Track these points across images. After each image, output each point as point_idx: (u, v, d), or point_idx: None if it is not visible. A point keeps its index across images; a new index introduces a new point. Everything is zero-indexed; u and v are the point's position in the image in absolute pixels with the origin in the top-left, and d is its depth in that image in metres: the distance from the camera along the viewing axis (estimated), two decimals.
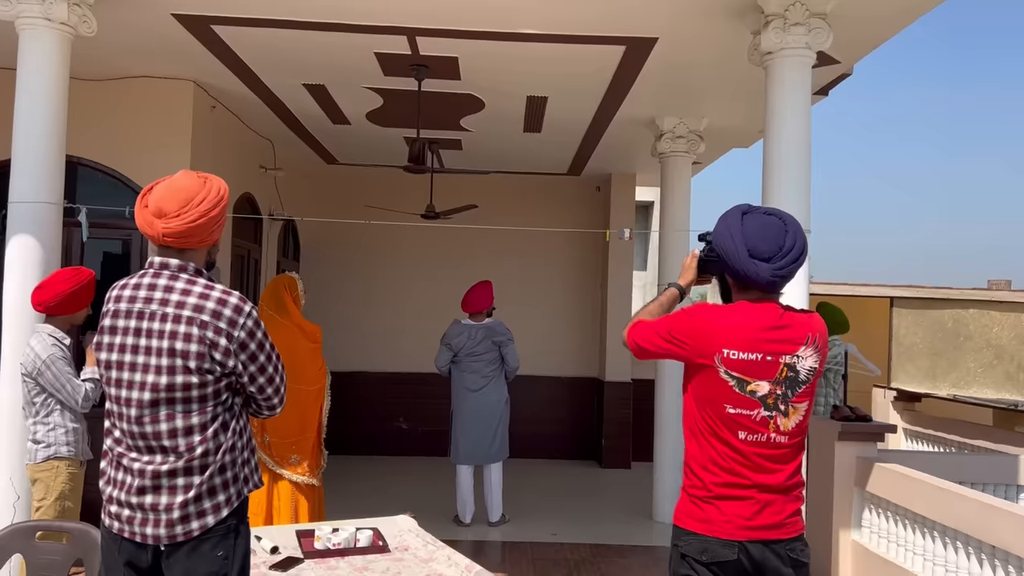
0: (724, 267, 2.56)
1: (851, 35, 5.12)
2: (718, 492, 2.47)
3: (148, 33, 5.57)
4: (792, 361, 2.46)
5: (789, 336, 2.47)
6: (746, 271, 2.46)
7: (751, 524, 2.45)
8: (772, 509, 2.46)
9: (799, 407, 2.49)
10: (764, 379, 2.45)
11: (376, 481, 8.62)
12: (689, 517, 2.52)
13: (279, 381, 2.51)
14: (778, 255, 2.45)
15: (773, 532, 2.47)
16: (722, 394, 2.46)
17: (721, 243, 2.52)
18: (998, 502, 4.28)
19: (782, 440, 2.48)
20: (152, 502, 2.33)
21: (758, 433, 2.46)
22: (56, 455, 4.21)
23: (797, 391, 2.48)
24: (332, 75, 6.46)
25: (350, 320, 10.02)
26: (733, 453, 2.46)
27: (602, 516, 7.56)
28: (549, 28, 5.27)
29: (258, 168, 8.44)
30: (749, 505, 2.45)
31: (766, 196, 4.81)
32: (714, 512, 2.47)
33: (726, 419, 2.47)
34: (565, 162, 9.50)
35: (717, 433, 2.48)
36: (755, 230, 2.48)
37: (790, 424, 2.48)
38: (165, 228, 2.35)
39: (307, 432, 5.13)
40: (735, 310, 2.51)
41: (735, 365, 2.45)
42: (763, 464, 2.46)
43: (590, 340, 10.42)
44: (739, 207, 2.58)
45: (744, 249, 2.46)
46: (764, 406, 2.46)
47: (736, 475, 2.46)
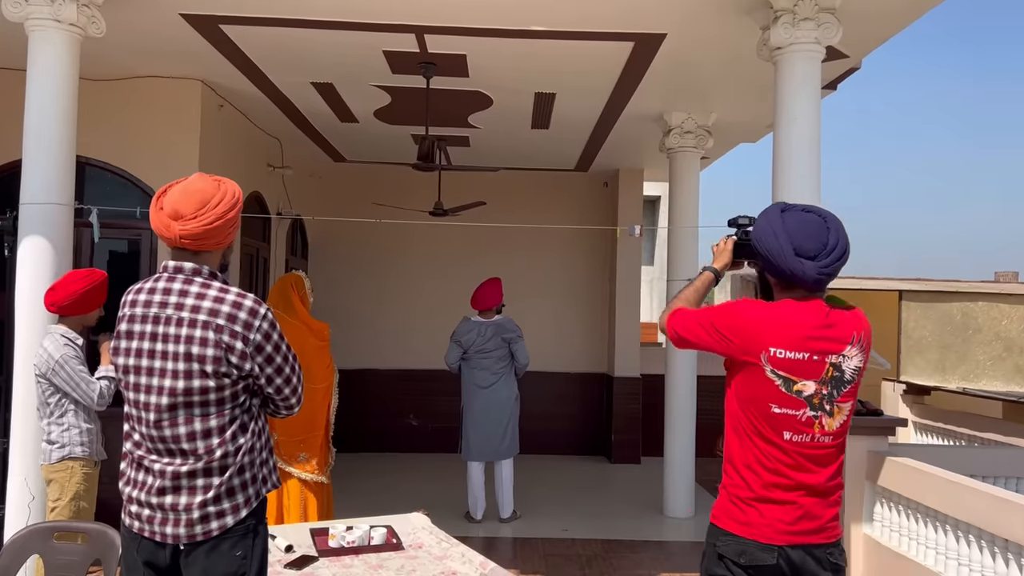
0: (766, 266, 2.51)
1: (860, 30, 5.11)
2: (761, 494, 2.43)
3: (156, 33, 5.58)
4: (838, 360, 2.43)
5: (835, 335, 2.43)
6: (792, 270, 2.41)
7: (792, 528, 2.42)
8: (814, 512, 2.43)
9: (844, 407, 2.46)
10: (810, 379, 2.41)
11: (387, 478, 8.64)
12: (729, 518, 2.49)
13: (296, 381, 2.52)
14: (823, 252, 2.41)
15: (814, 536, 2.44)
16: (768, 393, 2.43)
17: (765, 242, 2.46)
18: (1011, 495, 4.28)
19: (826, 440, 2.45)
20: (172, 502, 2.35)
21: (803, 433, 2.43)
22: (71, 455, 4.23)
23: (842, 391, 2.45)
24: (340, 73, 6.46)
25: (359, 317, 10.04)
26: (778, 453, 2.43)
27: (613, 511, 7.56)
28: (558, 25, 5.26)
29: (266, 167, 8.45)
30: (791, 509, 2.42)
31: (777, 190, 4.80)
32: (755, 515, 2.44)
33: (771, 418, 2.43)
34: (573, 158, 9.49)
35: (762, 432, 2.45)
36: (797, 228, 2.43)
37: (835, 424, 2.45)
38: (182, 230, 2.36)
39: (315, 430, 5.15)
40: (782, 308, 2.46)
41: (782, 364, 2.41)
42: (806, 465, 2.44)
43: (599, 336, 10.42)
44: (776, 205, 2.54)
45: (790, 247, 2.41)
46: (810, 406, 2.42)
47: (780, 475, 2.43)
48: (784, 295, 2.50)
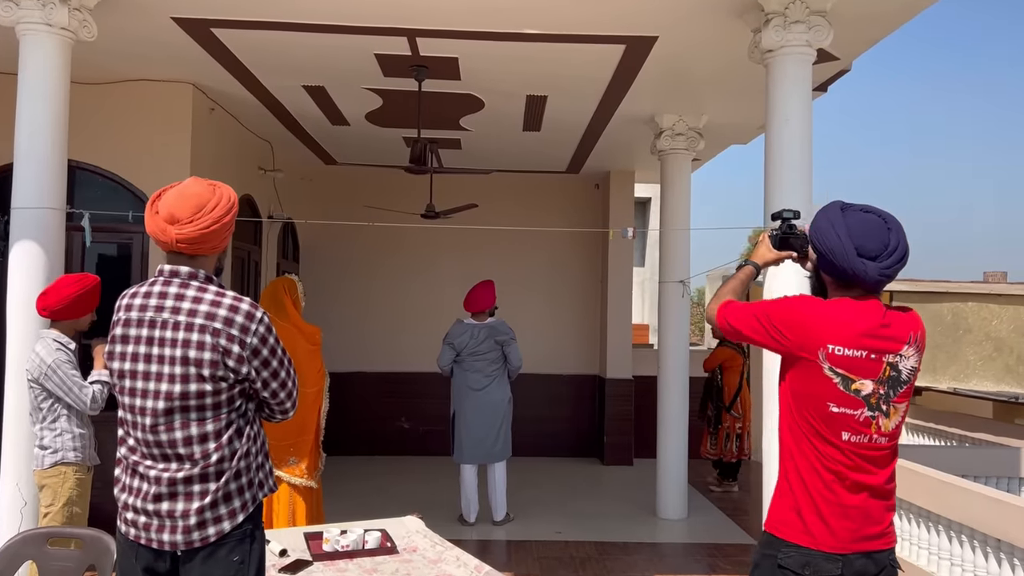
0: (824, 264, 2.46)
1: (850, 32, 5.14)
2: (824, 500, 2.38)
3: (148, 37, 5.57)
4: (895, 360, 2.39)
5: (893, 334, 2.39)
6: (854, 269, 2.36)
7: (857, 535, 2.37)
8: (875, 517, 2.40)
9: (899, 407, 2.42)
10: (868, 378, 2.37)
11: (378, 481, 8.63)
12: (790, 528, 2.42)
13: (291, 385, 2.52)
14: (884, 253, 2.36)
15: (876, 542, 2.40)
16: (825, 391, 2.37)
17: (827, 240, 2.41)
18: (1002, 495, 4.31)
19: (882, 441, 2.40)
20: (168, 508, 2.33)
21: (861, 434, 2.37)
22: (63, 460, 4.21)
23: (899, 391, 2.41)
24: (331, 76, 6.46)
25: (350, 320, 10.03)
26: (837, 454, 2.38)
27: (606, 513, 7.57)
28: (549, 28, 5.27)
29: (257, 170, 8.43)
30: (855, 514, 2.38)
31: (769, 192, 4.82)
32: (818, 524, 2.38)
33: (828, 418, 2.38)
34: (564, 160, 9.51)
35: (820, 432, 2.39)
36: (859, 227, 2.38)
37: (891, 425, 2.41)
38: (179, 234, 2.35)
39: (305, 434, 5.14)
40: (840, 306, 2.41)
41: (840, 362, 2.36)
42: (865, 466, 2.39)
43: (591, 337, 10.43)
44: (836, 203, 2.49)
45: (852, 247, 2.36)
46: (868, 406, 2.37)
47: (841, 478, 2.38)
48: (840, 293, 2.45)
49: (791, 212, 2.72)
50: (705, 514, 7.63)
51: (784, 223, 2.71)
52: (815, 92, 6.20)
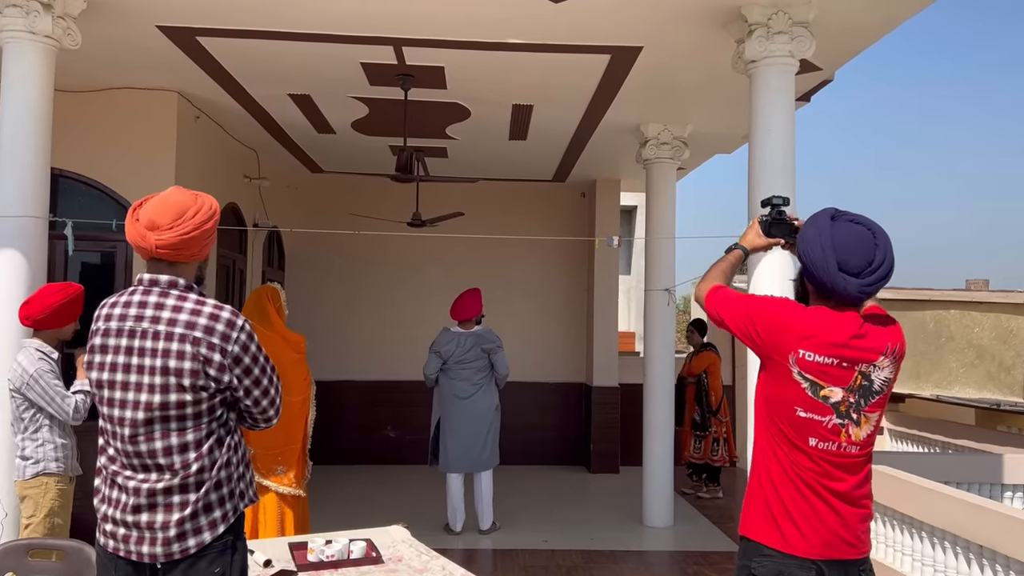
0: (807, 273, 2.47)
1: (833, 43, 5.19)
2: (795, 505, 2.40)
3: (133, 45, 5.55)
4: (868, 370, 2.39)
5: (868, 345, 2.39)
6: (833, 284, 2.36)
7: (828, 542, 2.38)
8: (848, 523, 2.40)
9: (871, 417, 2.42)
10: (838, 385, 2.38)
11: (364, 490, 8.59)
12: (763, 532, 2.44)
13: (274, 393, 2.50)
14: (867, 270, 2.35)
15: (848, 551, 2.40)
16: (793, 396, 2.40)
17: (809, 252, 2.41)
18: (985, 502, 4.34)
19: (853, 450, 2.41)
20: (148, 520, 2.32)
21: (829, 441, 2.39)
22: (45, 471, 4.17)
23: (871, 400, 2.41)
24: (317, 85, 6.46)
25: (336, 329, 10.01)
26: (804, 459, 2.40)
27: (592, 522, 7.57)
28: (534, 38, 5.29)
29: (243, 178, 8.41)
30: (825, 522, 2.38)
31: (752, 200, 4.85)
32: (792, 529, 2.39)
33: (796, 423, 2.40)
34: (550, 169, 9.53)
35: (788, 437, 2.42)
36: (845, 241, 2.36)
37: (862, 434, 2.42)
38: (158, 240, 2.34)
39: (292, 443, 5.11)
40: (816, 314, 2.43)
41: (810, 367, 2.38)
42: (834, 473, 2.40)
43: (578, 345, 10.44)
44: (827, 211, 2.46)
45: (834, 261, 2.35)
46: (836, 413, 2.38)
47: (808, 485, 2.39)
48: (820, 302, 2.46)
49: (780, 199, 2.74)
50: (691, 522, 7.64)
51: (773, 209, 2.72)
52: (798, 102, 6.26)
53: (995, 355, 10.36)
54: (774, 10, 4.67)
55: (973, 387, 10.32)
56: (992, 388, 10.24)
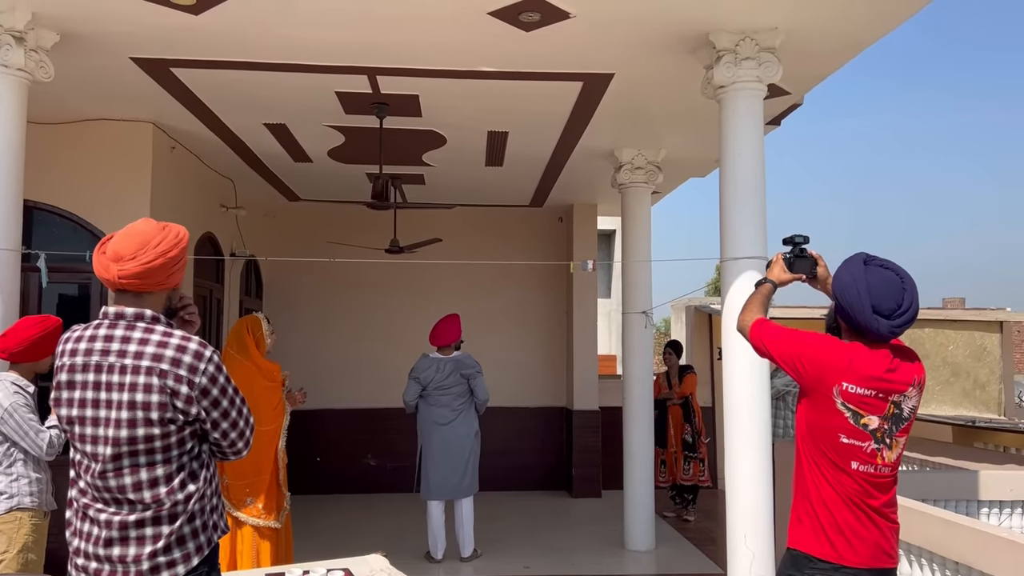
0: (842, 314, 2.73)
1: (800, 68, 5.28)
2: (843, 522, 2.64)
3: (107, 77, 5.56)
4: (899, 400, 2.66)
5: (899, 378, 2.66)
6: (867, 324, 2.63)
7: (873, 554, 2.64)
8: (886, 537, 2.68)
9: (900, 441, 2.70)
10: (875, 414, 2.65)
11: (345, 520, 8.53)
12: (817, 545, 2.68)
13: (243, 425, 2.48)
14: (897, 312, 2.63)
15: (888, 561, 2.67)
16: (838, 424, 2.66)
17: (846, 295, 2.67)
18: (959, 518, 4.37)
19: (886, 471, 2.69)
20: (120, 554, 2.29)
21: (869, 464, 2.66)
22: (19, 506, 4.11)
23: (900, 427, 2.68)
24: (293, 114, 6.49)
25: (315, 357, 9.96)
26: (848, 480, 2.65)
27: (574, 546, 7.54)
28: (507, 66, 5.35)
29: (219, 207, 8.40)
30: (870, 536, 2.64)
31: (724, 224, 4.91)
32: (842, 543, 2.64)
33: (840, 448, 2.66)
34: (527, 194, 9.59)
35: (833, 461, 2.67)
36: (878, 285, 2.64)
37: (892, 456, 2.69)
38: (120, 271, 2.32)
39: (262, 473, 5.07)
40: (855, 349, 2.68)
41: (852, 399, 2.64)
42: (872, 492, 2.67)
43: (557, 370, 10.45)
44: (859, 256, 2.74)
45: (869, 304, 2.62)
46: (874, 439, 2.65)
47: (854, 502, 2.65)
48: (853, 338, 2.72)
49: (801, 237, 3.02)
50: (672, 545, 7.64)
51: (796, 247, 3.00)
52: (768, 126, 6.37)
53: (970, 373, 10.47)
54: (741, 36, 4.76)
55: (949, 404, 10.41)
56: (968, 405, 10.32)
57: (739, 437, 4.78)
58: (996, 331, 10.48)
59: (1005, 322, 10.91)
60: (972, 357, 10.44)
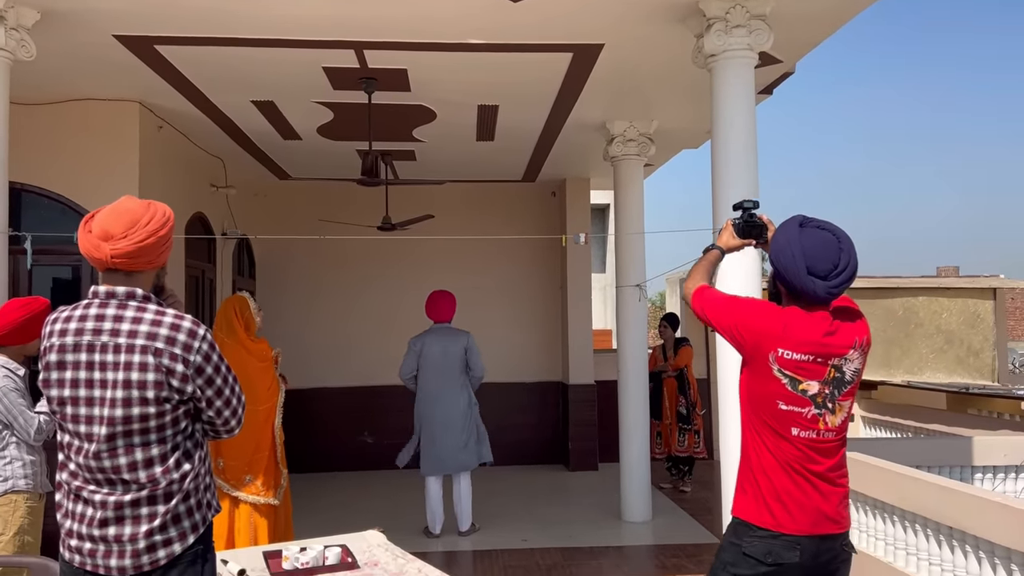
0: (778, 277, 2.70)
1: (791, 35, 5.23)
2: (782, 489, 2.62)
3: (90, 56, 5.49)
4: (840, 363, 2.62)
5: (838, 341, 2.62)
6: (803, 287, 2.59)
7: (813, 520, 2.61)
8: (830, 502, 2.64)
9: (844, 405, 2.66)
10: (814, 379, 2.61)
11: (343, 497, 8.56)
12: (756, 513, 2.66)
13: (236, 403, 2.48)
14: (833, 273, 2.58)
15: (831, 526, 2.63)
16: (775, 391, 2.62)
17: (780, 258, 2.64)
18: (954, 484, 4.40)
19: (830, 436, 2.64)
20: (116, 533, 2.29)
21: (810, 430, 2.62)
22: (13, 489, 4.11)
23: (843, 391, 2.64)
24: (280, 91, 6.42)
25: (309, 335, 9.95)
26: (789, 447, 2.62)
27: (572, 519, 7.59)
28: (495, 37, 5.30)
29: (209, 187, 8.34)
30: (810, 500, 2.61)
31: (716, 194, 4.88)
32: (780, 510, 2.62)
33: (779, 415, 2.63)
34: (520, 169, 9.54)
35: (773, 428, 2.64)
36: (813, 246, 2.59)
37: (837, 421, 2.65)
38: (113, 250, 2.30)
39: (260, 451, 5.09)
40: (791, 314, 2.65)
41: (788, 365, 2.61)
42: (815, 457, 2.63)
43: (553, 344, 10.46)
44: (795, 219, 2.69)
45: (803, 266, 2.58)
46: (814, 404, 2.62)
47: (794, 469, 2.62)
48: (792, 303, 2.69)
49: (751, 203, 2.94)
50: (669, 515, 7.68)
51: (745, 212, 2.93)
52: (760, 95, 6.32)
53: (964, 340, 10.51)
54: (731, 4, 4.70)
55: (943, 372, 10.46)
56: (962, 372, 10.38)
57: (734, 408, 4.78)
58: (990, 298, 10.52)
59: (998, 289, 10.95)
60: (966, 324, 10.48)
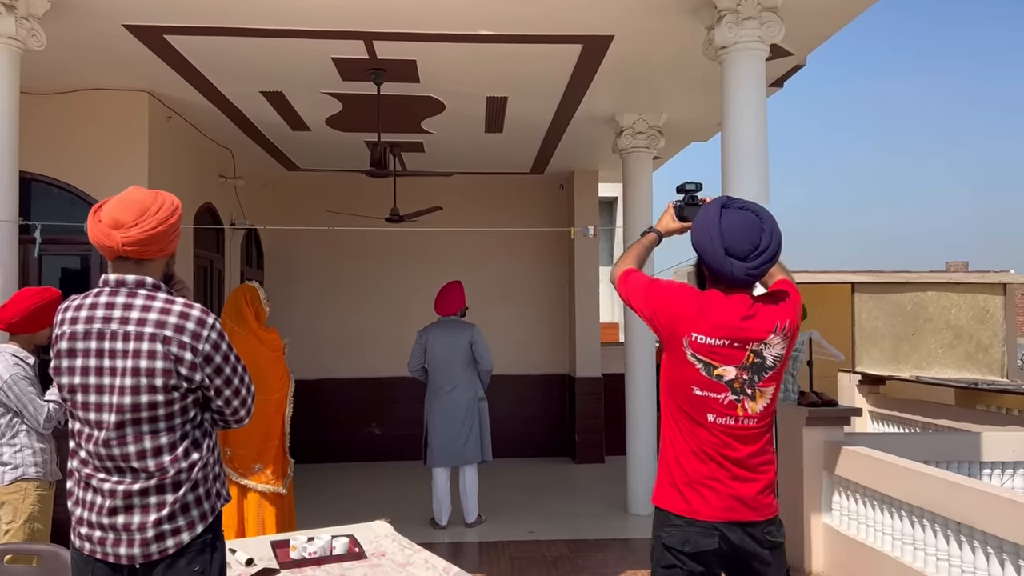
0: (701, 260, 2.63)
1: (803, 27, 5.20)
2: (698, 476, 2.57)
3: (100, 45, 5.49)
4: (759, 348, 2.55)
5: (757, 325, 2.55)
6: (721, 268, 2.53)
7: (728, 506, 2.55)
8: (746, 487, 2.57)
9: (766, 391, 2.58)
10: (731, 364, 2.54)
11: (350, 488, 8.58)
12: (670, 500, 2.62)
13: (245, 393, 2.48)
14: (753, 254, 2.52)
15: (750, 513, 2.57)
16: (689, 376, 2.56)
17: (699, 239, 2.58)
18: (963, 480, 4.38)
19: (750, 423, 2.57)
20: (125, 522, 2.30)
21: (727, 416, 2.55)
22: (24, 476, 4.14)
23: (764, 376, 2.56)
24: (289, 82, 6.42)
25: (317, 326, 9.97)
26: (705, 434, 2.57)
27: (578, 512, 7.59)
28: (505, 29, 5.28)
29: (218, 177, 8.35)
30: (725, 487, 2.56)
31: (726, 188, 4.87)
32: (695, 496, 2.57)
33: (694, 401, 2.57)
34: (528, 161, 9.52)
35: (689, 414, 2.59)
36: (732, 227, 2.52)
37: (758, 407, 2.58)
38: (124, 238, 2.31)
39: (270, 440, 5.12)
40: (707, 297, 2.59)
41: (702, 349, 2.54)
42: (733, 444, 2.57)
43: (560, 337, 10.45)
44: (718, 200, 2.62)
45: (721, 248, 2.51)
46: (731, 390, 2.55)
47: (709, 457, 2.57)
48: (713, 285, 2.63)
49: (693, 184, 2.88)
50: None
51: (687, 195, 2.87)
52: (770, 88, 6.29)
53: (973, 335, 10.46)
54: None
55: (952, 367, 10.42)
56: (971, 368, 10.33)
57: None
58: (999, 293, 10.46)
59: (1008, 284, 10.88)
60: (975, 320, 10.42)
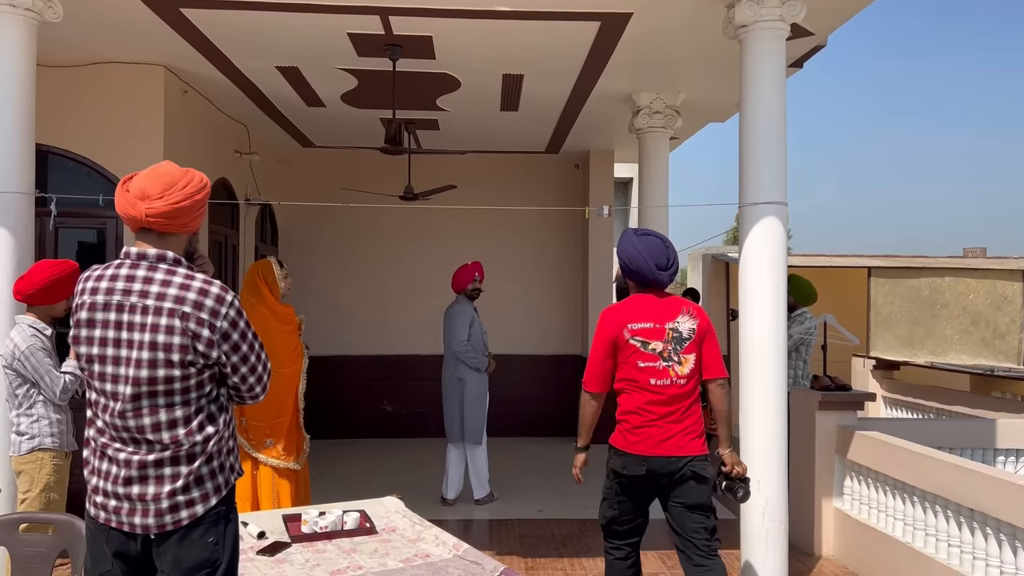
0: (632, 275, 3.81)
1: (824, 6, 5.12)
2: (639, 424, 3.70)
3: (116, 18, 5.48)
4: (674, 325, 3.72)
5: (667, 311, 3.75)
6: (654, 277, 3.76)
7: (659, 444, 3.67)
8: (676, 431, 3.67)
9: (688, 358, 3.71)
10: (658, 339, 3.70)
11: (363, 464, 8.63)
12: (618, 440, 3.80)
13: (261, 370, 2.49)
14: (668, 264, 3.77)
15: (673, 449, 3.65)
16: (633, 353, 3.70)
17: (635, 261, 3.76)
18: (976, 466, 4.36)
19: (681, 382, 3.70)
20: (139, 492, 2.32)
21: (664, 378, 3.68)
22: (40, 447, 4.19)
23: (684, 346, 3.71)
24: (305, 57, 6.39)
25: (332, 303, 10.00)
26: (649, 394, 3.68)
27: (587, 491, 7.55)
28: (522, 5, 5.23)
29: (233, 153, 8.35)
30: (658, 431, 3.66)
31: (744, 168, 4.83)
32: (635, 437, 3.72)
33: (640, 371, 3.70)
34: (543, 140, 9.47)
35: (637, 382, 3.71)
36: (652, 249, 3.76)
37: (684, 370, 3.71)
38: (148, 209, 2.32)
39: (282, 415, 5.14)
40: (633, 299, 3.80)
41: (637, 332, 3.70)
42: (666, 399, 3.68)
43: (572, 317, 10.45)
44: (629, 231, 3.85)
45: (652, 264, 3.74)
46: (662, 358, 3.69)
47: (648, 411, 3.69)
48: (638, 291, 3.84)
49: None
50: None
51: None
52: (790, 68, 6.21)
53: (989, 321, 10.36)
54: None
55: (968, 353, 10.32)
56: (987, 354, 10.24)
57: (755, 385, 4.77)
58: (1018, 280, 10.34)
59: None
60: (992, 306, 10.32)
